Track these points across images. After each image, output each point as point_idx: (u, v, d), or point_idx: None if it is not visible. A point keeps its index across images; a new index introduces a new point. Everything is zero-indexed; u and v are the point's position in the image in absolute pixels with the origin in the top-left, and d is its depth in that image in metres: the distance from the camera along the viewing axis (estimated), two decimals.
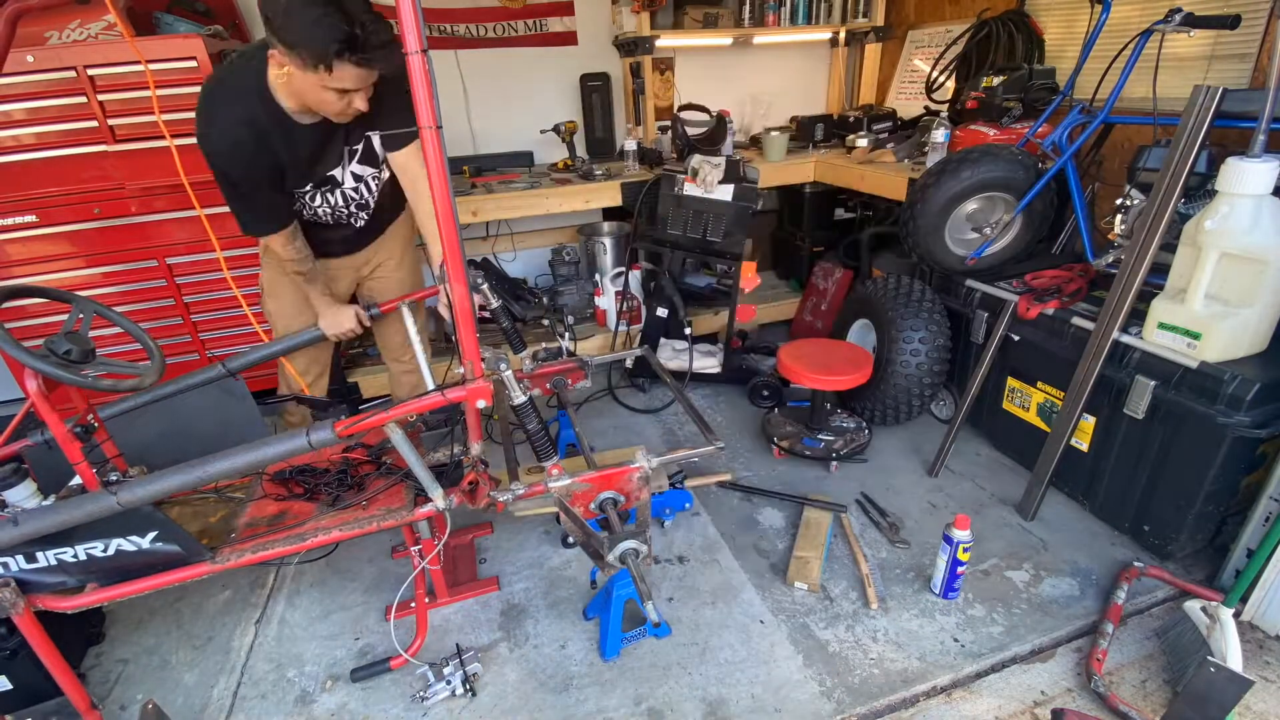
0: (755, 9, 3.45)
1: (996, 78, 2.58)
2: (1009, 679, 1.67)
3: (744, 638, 1.81)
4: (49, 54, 2.25)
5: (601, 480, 1.54)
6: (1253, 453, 1.78)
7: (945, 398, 2.70)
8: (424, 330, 2.17)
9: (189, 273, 2.68)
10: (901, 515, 2.21)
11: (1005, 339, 2.27)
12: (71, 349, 1.36)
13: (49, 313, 2.55)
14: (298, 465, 1.77)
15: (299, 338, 1.91)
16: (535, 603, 1.96)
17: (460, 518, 2.27)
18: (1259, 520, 1.76)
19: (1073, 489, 2.23)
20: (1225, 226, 1.64)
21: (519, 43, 3.42)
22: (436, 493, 1.48)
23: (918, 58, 3.66)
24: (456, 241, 1.27)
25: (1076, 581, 1.93)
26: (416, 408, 1.38)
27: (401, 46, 1.08)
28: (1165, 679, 1.64)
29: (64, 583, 1.42)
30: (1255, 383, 1.66)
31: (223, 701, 1.71)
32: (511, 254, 3.71)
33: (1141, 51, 2.04)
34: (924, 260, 2.47)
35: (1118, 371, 1.93)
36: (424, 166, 1.30)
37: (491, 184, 3.04)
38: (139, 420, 1.74)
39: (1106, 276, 2.15)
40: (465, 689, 1.67)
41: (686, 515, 2.26)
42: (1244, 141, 1.65)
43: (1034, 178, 2.22)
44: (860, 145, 3.18)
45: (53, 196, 2.46)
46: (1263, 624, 1.73)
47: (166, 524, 1.39)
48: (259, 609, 2.00)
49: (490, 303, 1.86)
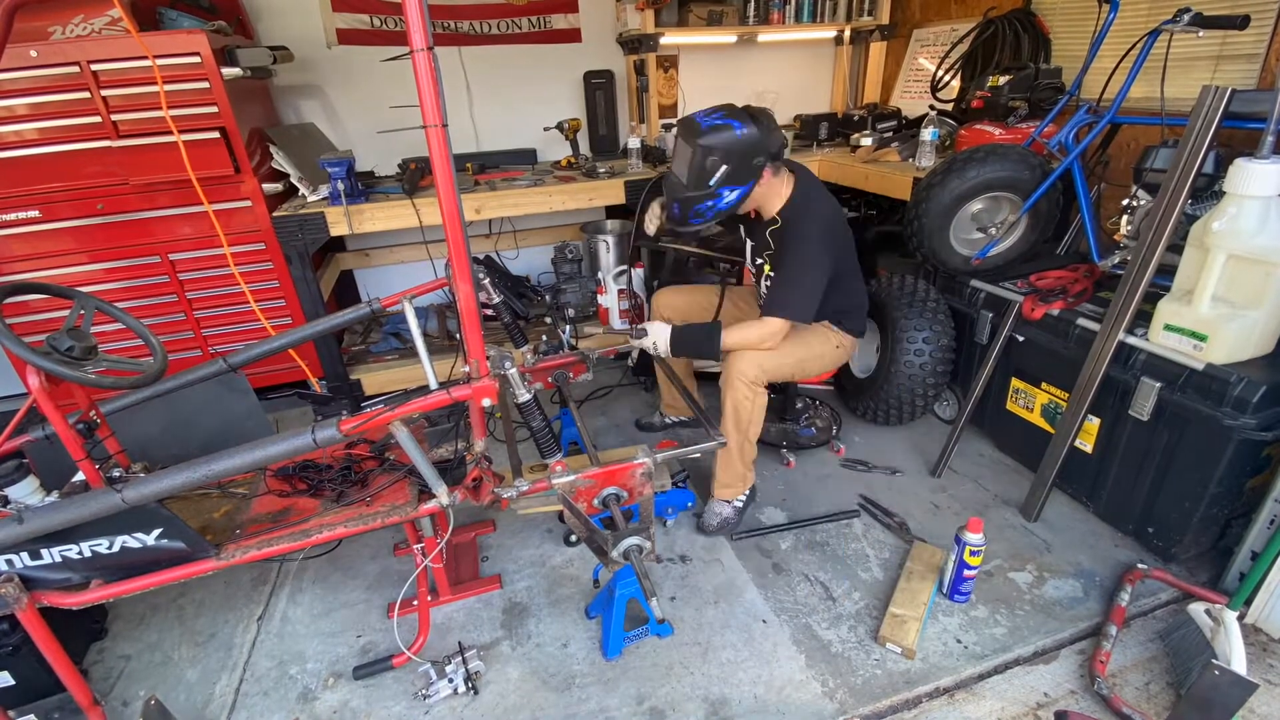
0: (760, 7, 3.44)
1: (1002, 77, 2.56)
2: (1012, 680, 1.67)
3: (746, 637, 1.81)
4: (52, 49, 2.25)
5: (605, 476, 1.54)
6: (1258, 455, 1.78)
7: (948, 398, 2.70)
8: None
9: (192, 269, 2.68)
10: (905, 516, 2.21)
11: (1009, 339, 2.27)
12: (74, 345, 1.36)
13: (51, 308, 2.55)
14: (301, 461, 1.77)
15: (300, 333, 1.91)
16: (537, 601, 1.96)
17: (462, 515, 2.27)
18: (1264, 523, 1.75)
19: (1076, 490, 2.22)
20: (1233, 228, 1.63)
21: (523, 40, 3.42)
22: (441, 489, 1.48)
23: (923, 56, 3.64)
24: (461, 239, 1.26)
25: (1080, 583, 1.93)
26: (422, 406, 1.38)
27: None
28: (1169, 681, 1.63)
29: (68, 579, 1.42)
30: (1261, 385, 1.65)
31: (225, 698, 1.71)
32: (514, 252, 3.71)
33: (1149, 51, 2.03)
34: (928, 260, 2.46)
35: (1123, 373, 1.92)
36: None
37: (495, 181, 3.04)
38: (141, 416, 1.74)
39: (1112, 277, 2.14)
40: (467, 687, 1.67)
41: (689, 514, 2.26)
42: (1252, 142, 1.64)
43: (1040, 178, 2.21)
44: (865, 144, 3.17)
45: (56, 192, 2.45)
46: (1267, 627, 1.72)
47: (172, 521, 1.38)
48: (261, 605, 2.00)
49: (492, 298, 1.86)
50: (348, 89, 3.28)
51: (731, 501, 2.18)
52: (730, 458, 2.11)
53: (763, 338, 1.98)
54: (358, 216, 2.62)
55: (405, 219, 2.68)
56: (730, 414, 2.02)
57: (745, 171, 1.85)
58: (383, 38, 3.21)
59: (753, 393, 2.00)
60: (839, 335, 2.18)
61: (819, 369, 2.21)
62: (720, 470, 2.15)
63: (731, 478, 2.15)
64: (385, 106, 3.04)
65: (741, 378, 1.98)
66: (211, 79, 2.38)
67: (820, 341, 2.15)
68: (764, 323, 1.98)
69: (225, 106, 2.43)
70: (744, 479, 2.17)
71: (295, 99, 3.26)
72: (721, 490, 2.17)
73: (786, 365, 2.08)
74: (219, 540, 1.51)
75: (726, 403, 2.02)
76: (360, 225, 2.64)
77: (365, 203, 2.66)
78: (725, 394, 2.02)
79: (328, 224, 2.60)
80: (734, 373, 1.98)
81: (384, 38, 3.21)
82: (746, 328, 2.01)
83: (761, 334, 1.98)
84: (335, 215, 2.60)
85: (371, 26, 3.19)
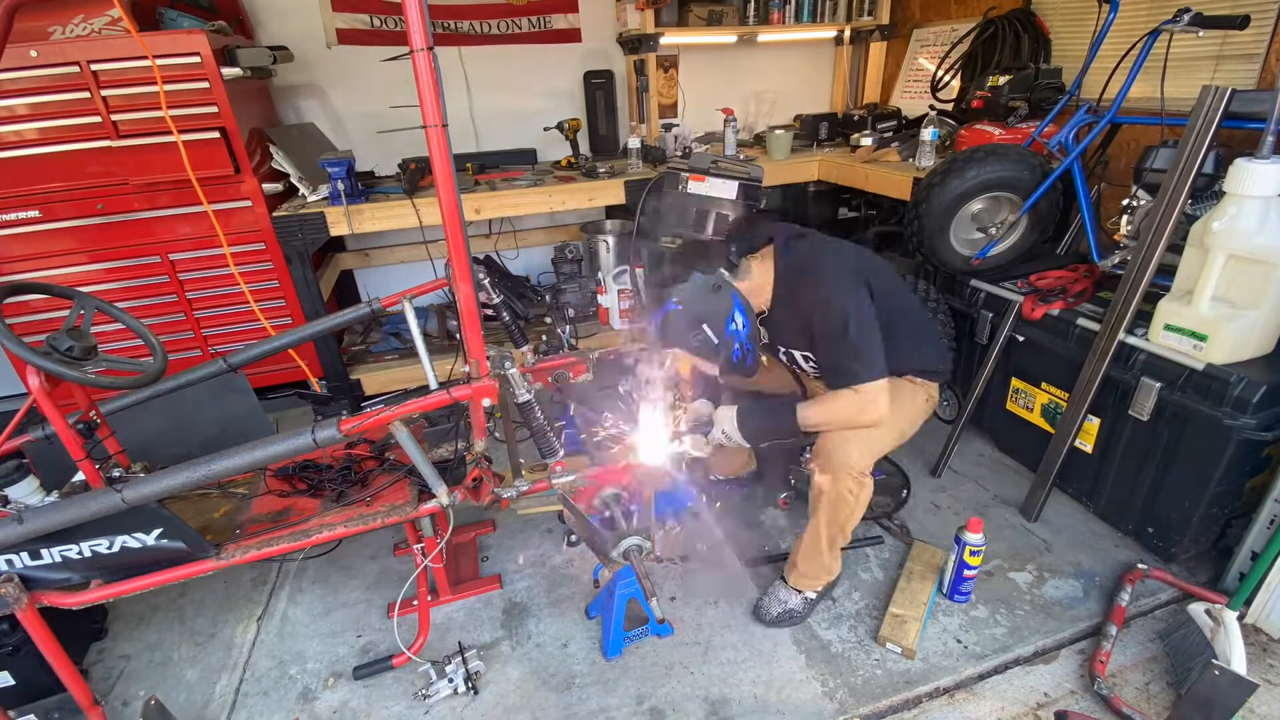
0: (760, 7, 3.44)
1: (1002, 77, 2.56)
2: (1012, 680, 1.67)
3: (746, 637, 1.80)
4: (52, 49, 2.24)
5: (605, 476, 1.54)
6: (1258, 455, 1.78)
7: (948, 398, 2.69)
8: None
9: (191, 268, 2.68)
10: (904, 516, 2.21)
11: (1010, 339, 2.27)
12: (74, 345, 1.36)
13: (51, 308, 2.55)
14: (301, 461, 1.77)
15: (300, 333, 1.91)
16: (537, 601, 1.96)
17: (462, 515, 2.27)
18: (1264, 523, 1.75)
19: (1076, 490, 2.22)
20: (1233, 228, 1.63)
21: (523, 40, 3.41)
22: (441, 489, 1.48)
23: (923, 56, 3.64)
24: (461, 239, 1.26)
25: (1080, 583, 1.93)
26: (422, 406, 1.38)
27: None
28: (1169, 681, 1.63)
29: (68, 579, 1.42)
30: (1262, 385, 1.65)
31: (225, 698, 1.72)
32: (514, 252, 3.70)
33: (1149, 51, 2.03)
34: (929, 260, 2.46)
35: (1123, 373, 1.92)
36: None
37: (495, 181, 3.04)
38: (141, 416, 1.74)
39: (1112, 277, 2.14)
40: (467, 687, 1.67)
41: (689, 515, 2.26)
42: (1252, 142, 1.64)
43: (1040, 177, 2.21)
44: (865, 144, 3.17)
45: (56, 192, 2.45)
46: (1267, 627, 1.73)
47: (172, 521, 1.39)
48: (261, 605, 2.00)
49: (492, 298, 1.86)
50: (348, 89, 3.28)
51: (803, 592, 1.85)
52: (819, 545, 1.76)
53: (865, 406, 1.59)
54: (358, 216, 2.62)
55: (405, 219, 2.68)
56: (827, 509, 1.69)
57: (720, 303, 1.62)
58: (383, 38, 3.21)
59: (859, 486, 1.66)
60: (926, 387, 1.84)
61: (914, 432, 1.85)
62: (801, 559, 1.81)
63: (814, 569, 1.81)
64: (385, 106, 3.04)
65: (851, 471, 1.63)
66: (211, 79, 2.38)
67: (909, 400, 1.79)
68: (856, 393, 1.58)
69: (225, 106, 2.43)
70: (829, 571, 1.83)
71: (295, 99, 3.26)
72: (797, 580, 1.83)
73: (890, 439, 1.73)
74: (219, 540, 1.51)
75: (824, 497, 1.68)
76: (360, 225, 2.64)
77: (365, 203, 2.66)
78: (825, 486, 1.68)
79: (328, 224, 2.60)
80: (840, 464, 1.63)
81: (384, 38, 3.21)
82: (834, 400, 1.62)
83: (857, 405, 1.59)
84: (335, 215, 2.60)
85: (371, 26, 3.18)
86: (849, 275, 1.63)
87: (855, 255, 1.73)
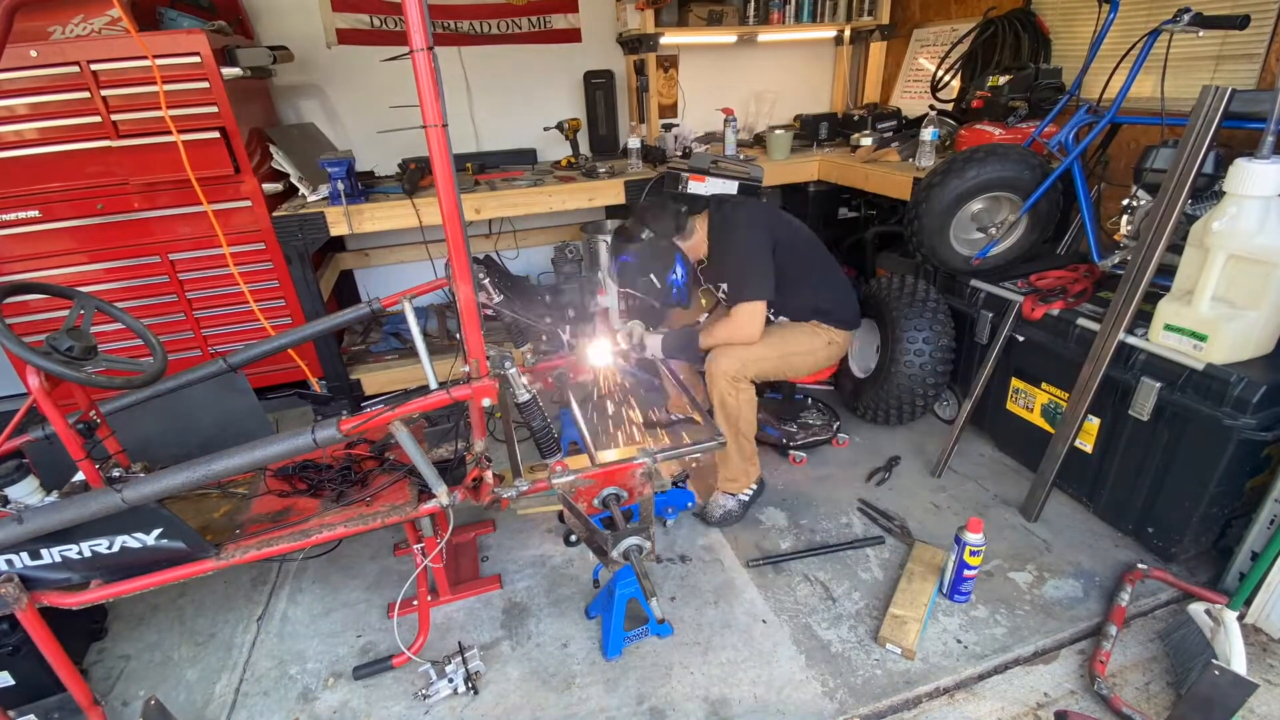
0: (760, 7, 3.44)
1: (1002, 77, 2.56)
2: (1012, 680, 1.67)
3: (746, 638, 1.81)
4: (52, 49, 2.25)
5: (604, 476, 1.54)
6: (1258, 455, 1.78)
7: (948, 398, 2.70)
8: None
9: (191, 268, 2.68)
10: (905, 516, 2.21)
11: (1009, 340, 2.27)
12: (73, 345, 1.36)
13: (51, 308, 2.55)
14: (301, 461, 1.77)
15: (300, 333, 1.91)
16: (537, 601, 1.96)
17: (462, 515, 2.27)
18: (1264, 523, 1.75)
19: (1076, 490, 2.22)
20: (1233, 228, 1.63)
21: (523, 40, 3.42)
22: (441, 489, 1.48)
23: (923, 56, 3.64)
24: (461, 239, 1.26)
25: (1080, 583, 1.93)
26: (422, 406, 1.38)
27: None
28: (1169, 681, 1.63)
29: (68, 579, 1.42)
30: (1262, 385, 1.65)
31: (225, 698, 1.71)
32: (514, 252, 3.70)
33: (1149, 51, 2.03)
34: (928, 260, 2.46)
35: (1123, 373, 1.92)
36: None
37: (495, 181, 3.04)
38: (141, 416, 1.74)
39: (1112, 277, 2.14)
40: (467, 687, 1.67)
41: (689, 514, 2.26)
42: (1252, 142, 1.64)
43: (1040, 178, 2.21)
44: (865, 144, 3.17)
45: (56, 192, 2.45)
46: (1267, 627, 1.72)
47: (172, 521, 1.38)
48: (261, 605, 2.00)
49: (492, 298, 1.86)
50: (348, 89, 3.28)
51: (736, 495, 2.22)
52: (727, 453, 2.16)
53: (737, 328, 2.04)
54: (357, 216, 2.62)
55: (405, 219, 2.68)
56: (718, 410, 2.08)
57: (665, 258, 2.09)
58: (383, 38, 3.21)
59: (734, 389, 2.04)
60: (829, 331, 2.21)
61: (810, 366, 2.23)
62: (721, 466, 2.21)
63: (733, 472, 2.19)
64: (385, 106, 3.03)
65: (722, 375, 2.04)
66: (211, 79, 2.38)
67: (807, 337, 2.19)
68: (733, 314, 2.05)
69: (225, 106, 2.43)
70: (746, 474, 2.21)
71: (295, 99, 3.26)
72: (725, 484, 2.23)
73: (770, 361, 2.11)
74: (219, 540, 1.51)
75: (713, 400, 2.08)
76: (360, 225, 2.64)
77: (365, 203, 2.66)
78: (710, 392, 2.09)
79: (328, 224, 2.60)
80: (714, 370, 2.05)
81: (384, 38, 3.21)
82: (719, 323, 2.09)
83: (734, 325, 2.04)
84: (335, 215, 2.60)
85: (371, 26, 3.19)
86: (755, 226, 2.08)
87: (766, 213, 2.16)
